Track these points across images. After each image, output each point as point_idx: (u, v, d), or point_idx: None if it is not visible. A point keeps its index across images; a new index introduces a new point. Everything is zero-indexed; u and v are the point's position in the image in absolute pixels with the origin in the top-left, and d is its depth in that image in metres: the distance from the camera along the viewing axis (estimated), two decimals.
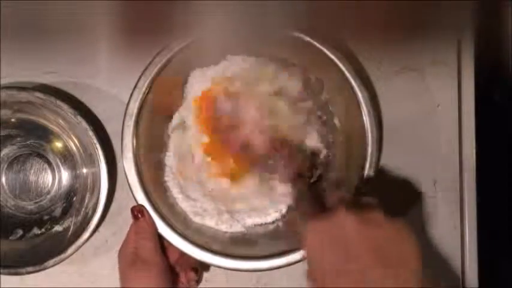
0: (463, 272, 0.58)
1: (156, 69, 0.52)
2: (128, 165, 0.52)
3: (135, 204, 0.52)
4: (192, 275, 0.54)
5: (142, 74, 0.52)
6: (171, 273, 0.52)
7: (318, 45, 0.52)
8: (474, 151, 0.59)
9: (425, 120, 0.59)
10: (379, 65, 0.59)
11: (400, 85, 0.59)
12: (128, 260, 0.50)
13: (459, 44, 0.59)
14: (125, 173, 0.52)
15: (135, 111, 0.52)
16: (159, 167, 0.56)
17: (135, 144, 0.52)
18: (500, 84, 0.64)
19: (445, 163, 0.59)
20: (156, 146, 0.56)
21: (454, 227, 0.59)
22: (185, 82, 0.57)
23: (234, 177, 0.56)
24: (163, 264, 0.51)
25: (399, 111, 0.58)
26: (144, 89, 0.52)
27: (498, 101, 0.66)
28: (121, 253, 0.52)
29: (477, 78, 0.59)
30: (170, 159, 0.57)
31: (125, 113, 0.52)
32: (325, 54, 0.52)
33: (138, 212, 0.52)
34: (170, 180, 0.57)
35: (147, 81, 0.52)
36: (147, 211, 0.52)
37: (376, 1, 0.54)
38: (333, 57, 0.52)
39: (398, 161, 0.58)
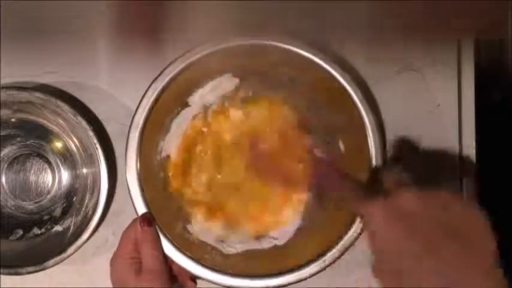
0: None
1: (167, 79, 0.52)
2: (130, 177, 0.52)
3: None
4: (191, 284, 0.54)
5: (152, 83, 0.52)
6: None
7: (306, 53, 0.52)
8: (474, 151, 0.59)
9: (425, 120, 0.59)
10: (379, 65, 0.58)
11: (400, 85, 0.59)
12: (131, 269, 0.50)
13: (459, 44, 0.59)
14: (127, 185, 0.52)
15: (141, 121, 0.52)
16: (163, 179, 0.56)
17: (139, 155, 0.52)
18: (500, 84, 0.64)
19: (445, 163, 0.59)
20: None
21: None
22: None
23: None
24: (168, 273, 0.51)
25: (399, 111, 0.58)
26: (152, 98, 0.52)
27: (498, 101, 0.66)
28: (118, 262, 0.51)
29: (477, 78, 0.59)
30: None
31: (130, 124, 0.52)
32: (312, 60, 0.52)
33: (145, 221, 0.51)
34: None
35: (157, 91, 0.52)
36: (154, 220, 0.52)
37: (375, 1, 0.54)
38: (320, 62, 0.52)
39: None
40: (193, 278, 0.54)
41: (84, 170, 0.58)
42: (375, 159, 0.52)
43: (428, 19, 0.56)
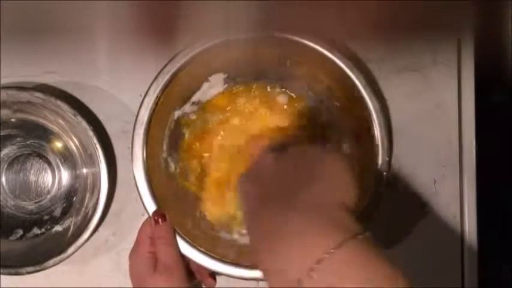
0: (463, 272, 0.58)
1: (168, 76, 0.52)
2: (138, 174, 0.52)
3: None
4: (210, 281, 0.54)
5: (153, 81, 0.52)
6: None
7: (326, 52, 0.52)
8: (474, 151, 0.59)
9: (426, 120, 0.59)
10: (379, 65, 0.58)
11: (400, 85, 0.59)
12: (148, 264, 0.50)
13: (459, 44, 0.59)
14: (136, 183, 0.52)
15: (146, 118, 0.52)
16: (170, 175, 0.56)
17: (145, 153, 0.52)
18: (500, 84, 0.64)
19: (445, 163, 0.59)
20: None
21: (454, 227, 0.59)
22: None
23: None
24: (184, 269, 0.51)
25: (399, 111, 0.58)
26: (155, 96, 0.52)
27: (498, 101, 0.66)
28: (136, 257, 0.51)
29: (477, 78, 0.59)
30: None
31: (135, 122, 0.52)
32: (333, 61, 0.52)
33: (159, 216, 0.51)
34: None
35: (159, 89, 0.52)
36: (168, 216, 0.52)
37: (376, 1, 0.54)
38: (343, 65, 0.52)
39: (398, 161, 0.58)
40: (213, 275, 0.54)
41: (84, 170, 0.58)
42: (380, 143, 0.52)
43: (428, 19, 0.56)
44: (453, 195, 0.59)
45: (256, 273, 0.51)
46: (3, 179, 0.59)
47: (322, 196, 0.39)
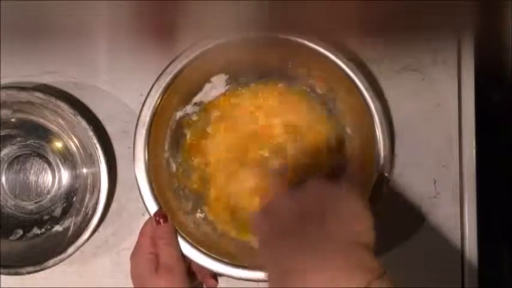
0: (463, 272, 0.58)
1: (170, 77, 0.52)
2: (140, 175, 0.52)
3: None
4: (212, 282, 0.54)
5: (155, 82, 0.52)
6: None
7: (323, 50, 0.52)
8: (474, 151, 0.59)
9: (426, 120, 0.59)
10: (379, 65, 0.59)
11: (400, 85, 0.59)
12: (149, 265, 0.50)
13: (459, 44, 0.59)
14: (137, 183, 0.52)
15: (148, 119, 0.52)
16: (172, 175, 0.56)
17: (147, 153, 0.52)
18: (500, 84, 0.64)
19: (445, 163, 0.59)
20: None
21: (454, 227, 0.59)
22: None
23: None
24: (185, 269, 0.51)
25: (399, 111, 0.58)
26: (157, 96, 0.52)
27: (498, 101, 0.66)
28: (137, 258, 0.52)
29: (477, 78, 0.59)
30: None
31: (137, 121, 0.52)
32: (334, 62, 0.52)
33: (160, 217, 0.51)
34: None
35: (161, 89, 0.52)
36: (169, 217, 0.52)
37: (376, 1, 0.54)
38: (346, 68, 0.52)
39: (398, 160, 0.58)
40: (214, 276, 0.54)
41: (84, 170, 0.58)
42: (382, 144, 0.52)
43: (428, 19, 0.56)
44: (453, 196, 0.59)
45: (257, 274, 0.51)
46: (3, 179, 0.59)
47: (340, 234, 0.40)
